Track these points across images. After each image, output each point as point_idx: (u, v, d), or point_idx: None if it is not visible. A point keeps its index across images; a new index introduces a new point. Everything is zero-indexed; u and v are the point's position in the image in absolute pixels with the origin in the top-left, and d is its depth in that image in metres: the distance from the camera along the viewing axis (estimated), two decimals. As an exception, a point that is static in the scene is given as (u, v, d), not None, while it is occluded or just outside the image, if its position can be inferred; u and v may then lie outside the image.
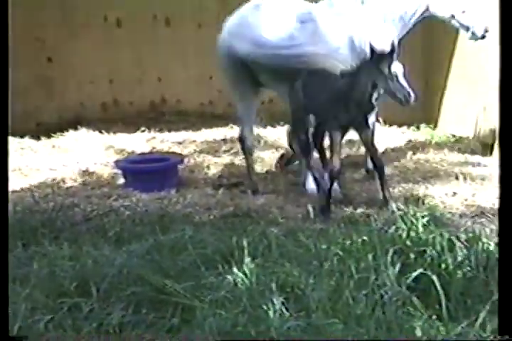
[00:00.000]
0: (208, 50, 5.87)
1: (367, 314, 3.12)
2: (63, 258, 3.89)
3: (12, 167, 5.89)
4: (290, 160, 6.10)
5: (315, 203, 5.00)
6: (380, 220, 4.54)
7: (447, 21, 5.67)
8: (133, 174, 5.90)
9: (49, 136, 7.52)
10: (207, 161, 6.57)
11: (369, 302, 3.19)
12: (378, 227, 4.18)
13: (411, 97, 4.54)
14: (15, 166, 6.22)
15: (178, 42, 8.52)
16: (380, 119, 6.81)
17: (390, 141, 7.02)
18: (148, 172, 5.94)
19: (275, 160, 6.33)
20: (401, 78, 4.55)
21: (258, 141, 6.99)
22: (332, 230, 4.28)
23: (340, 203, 5.08)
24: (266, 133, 7.39)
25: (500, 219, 3.28)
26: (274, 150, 6.84)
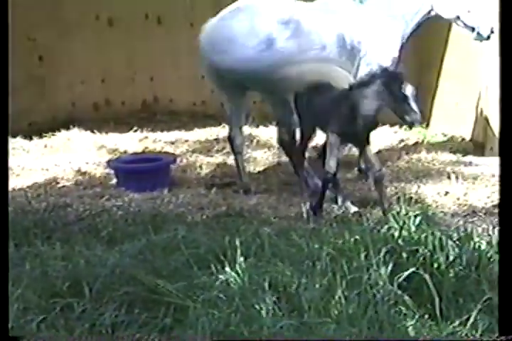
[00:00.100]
0: (201, 50, 5.85)
1: (359, 313, 3.13)
2: (56, 258, 3.88)
3: (4, 167, 5.87)
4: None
5: (308, 202, 5.01)
6: (373, 219, 4.55)
7: (452, 22, 5.61)
8: (125, 174, 5.89)
9: (41, 136, 7.48)
10: (199, 161, 6.55)
11: (361, 301, 3.20)
12: (371, 227, 4.18)
13: (418, 120, 4.33)
14: (7, 166, 6.21)
15: (170, 41, 8.49)
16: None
17: (382, 141, 7.02)
18: (140, 172, 5.92)
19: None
20: (412, 101, 4.30)
21: (250, 141, 6.99)
22: (324, 230, 4.28)
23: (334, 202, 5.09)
24: (258, 132, 7.37)
25: (500, 219, 3.31)
26: (267, 149, 6.83)
